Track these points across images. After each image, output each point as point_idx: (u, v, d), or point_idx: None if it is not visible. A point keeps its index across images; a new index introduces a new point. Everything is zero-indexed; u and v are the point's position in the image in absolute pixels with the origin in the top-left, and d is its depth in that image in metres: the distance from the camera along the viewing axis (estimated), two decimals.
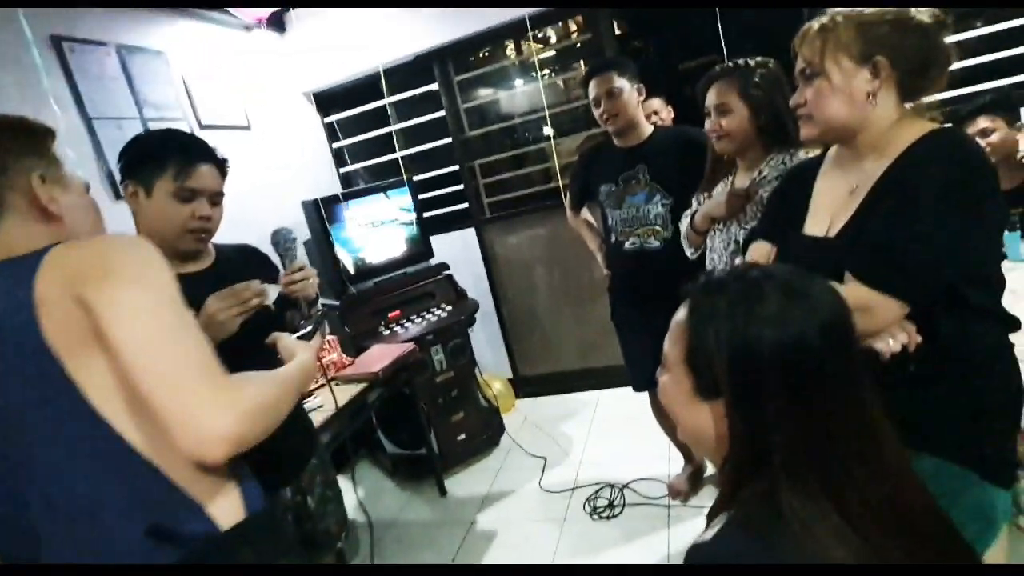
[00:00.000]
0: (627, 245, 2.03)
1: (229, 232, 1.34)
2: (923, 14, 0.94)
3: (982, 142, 2.02)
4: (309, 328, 1.21)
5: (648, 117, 2.12)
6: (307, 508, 1.41)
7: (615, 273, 2.18)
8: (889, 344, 0.89)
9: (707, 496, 2.26)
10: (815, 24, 0.99)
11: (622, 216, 2.03)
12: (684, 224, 1.73)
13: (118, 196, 2.08)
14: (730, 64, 1.53)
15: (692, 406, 0.66)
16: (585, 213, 2.36)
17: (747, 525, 0.59)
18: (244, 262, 1.38)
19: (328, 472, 1.54)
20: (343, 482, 2.92)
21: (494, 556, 2.23)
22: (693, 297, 0.67)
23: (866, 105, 0.96)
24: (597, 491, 2.44)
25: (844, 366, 0.62)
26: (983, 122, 2.01)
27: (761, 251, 1.15)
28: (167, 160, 1.16)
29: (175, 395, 0.67)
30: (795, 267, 0.68)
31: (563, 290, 3.46)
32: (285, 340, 1.07)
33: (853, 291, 0.90)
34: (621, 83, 1.91)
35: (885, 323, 0.90)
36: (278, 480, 1.35)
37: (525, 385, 3.56)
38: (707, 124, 1.56)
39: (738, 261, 1.18)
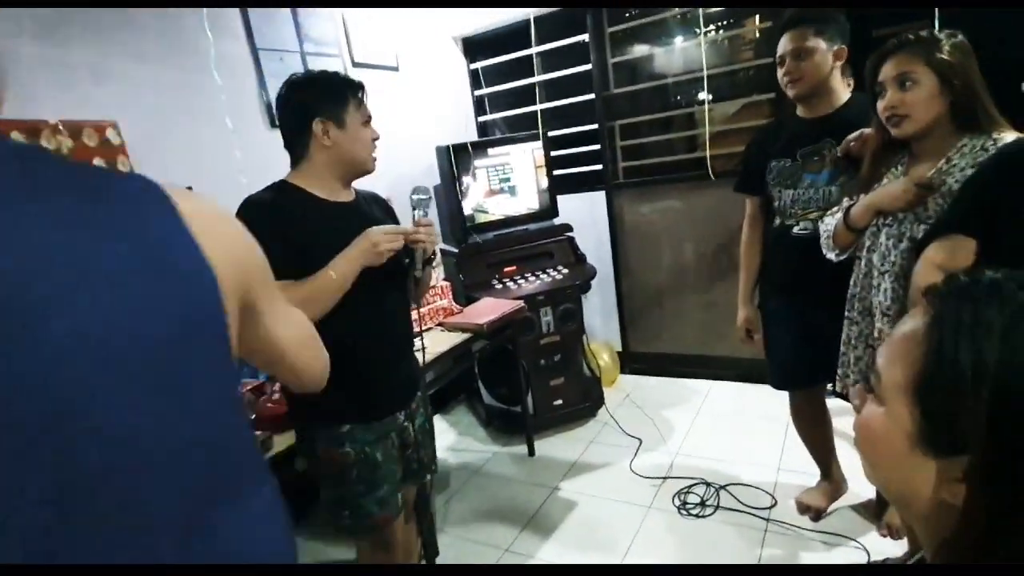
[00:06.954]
0: (796, 229, 1.76)
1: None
2: None
3: None
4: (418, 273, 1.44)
5: None
6: (410, 433, 1.52)
7: (773, 260, 1.93)
8: None
9: (839, 522, 1.99)
10: None
11: (796, 196, 1.76)
12: (831, 222, 1.51)
13: (274, 125, 2.23)
14: (910, 35, 1.28)
15: (909, 457, 0.49)
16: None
17: None
18: (374, 203, 1.55)
19: (427, 406, 1.64)
20: (439, 422, 3.08)
21: (571, 526, 2.20)
22: (942, 302, 0.49)
23: None
24: (690, 486, 2.30)
25: None
26: None
27: (959, 247, 0.91)
28: (348, 95, 1.36)
29: (311, 364, 0.83)
30: None
31: (690, 270, 3.24)
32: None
33: None
34: (816, 43, 1.63)
35: None
36: (398, 400, 1.49)
37: (632, 361, 3.43)
38: (882, 103, 1.32)
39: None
